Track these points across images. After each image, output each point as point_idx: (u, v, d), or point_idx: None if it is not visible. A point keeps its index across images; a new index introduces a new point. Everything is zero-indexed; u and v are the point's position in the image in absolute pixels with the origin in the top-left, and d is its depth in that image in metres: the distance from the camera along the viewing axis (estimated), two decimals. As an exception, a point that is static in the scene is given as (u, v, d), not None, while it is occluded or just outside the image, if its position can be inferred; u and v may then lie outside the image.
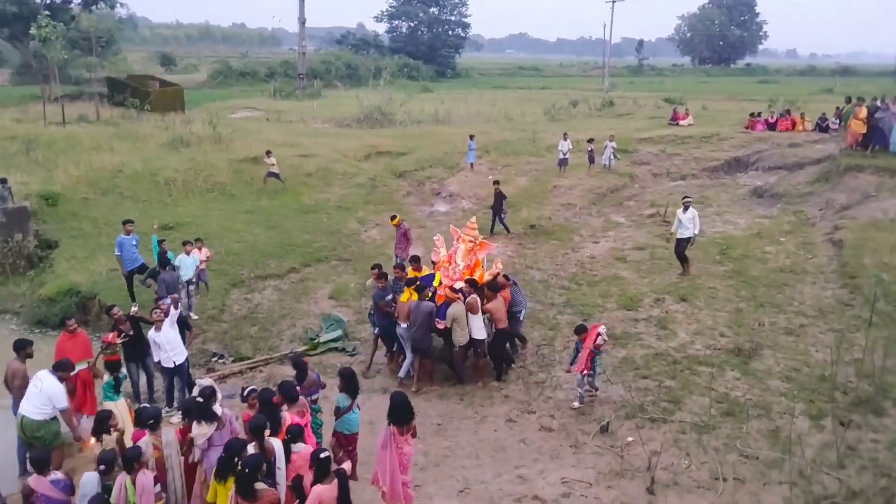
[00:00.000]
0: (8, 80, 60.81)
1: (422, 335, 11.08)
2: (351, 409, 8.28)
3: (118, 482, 6.63)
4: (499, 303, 11.20)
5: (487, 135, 31.52)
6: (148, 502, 6.62)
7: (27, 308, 15.26)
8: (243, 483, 6.24)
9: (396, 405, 7.55)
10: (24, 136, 25.18)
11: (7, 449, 9.25)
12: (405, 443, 7.59)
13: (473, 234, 12.41)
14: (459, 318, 10.91)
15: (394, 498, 7.60)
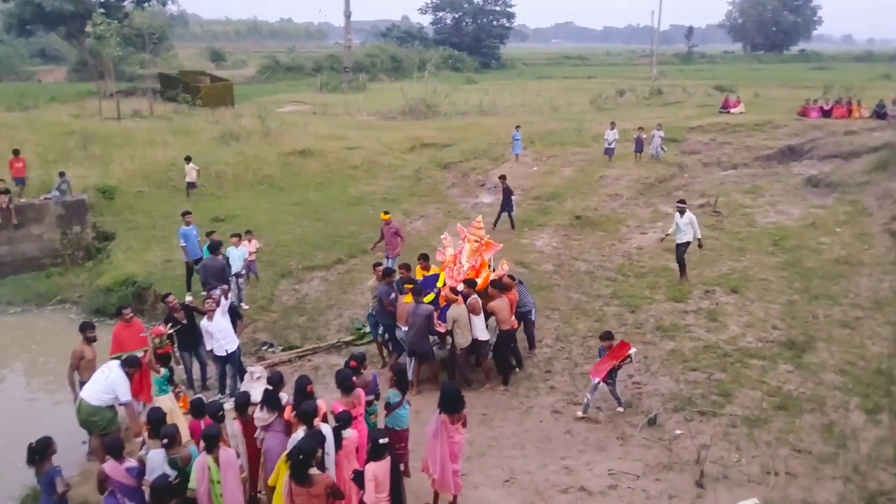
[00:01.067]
0: (65, 76, 62.90)
1: (419, 339, 10.65)
2: (401, 405, 8.24)
3: (199, 464, 6.82)
4: (503, 303, 10.83)
5: (532, 125, 31.31)
6: (234, 477, 6.86)
7: (86, 297, 15.82)
8: (298, 468, 6.32)
9: (447, 394, 7.59)
10: (82, 131, 25.99)
11: (74, 431, 9.59)
12: (456, 432, 7.63)
13: (479, 233, 11.93)
14: (460, 319, 10.52)
15: (443, 486, 7.67)
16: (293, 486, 6.38)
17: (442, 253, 12.16)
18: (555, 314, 13.70)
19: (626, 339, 10.67)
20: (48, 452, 6.97)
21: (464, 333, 10.63)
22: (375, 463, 6.71)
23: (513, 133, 25.79)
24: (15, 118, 28.74)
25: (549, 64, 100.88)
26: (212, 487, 6.81)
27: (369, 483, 6.65)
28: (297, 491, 6.36)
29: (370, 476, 6.63)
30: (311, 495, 6.36)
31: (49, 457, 6.98)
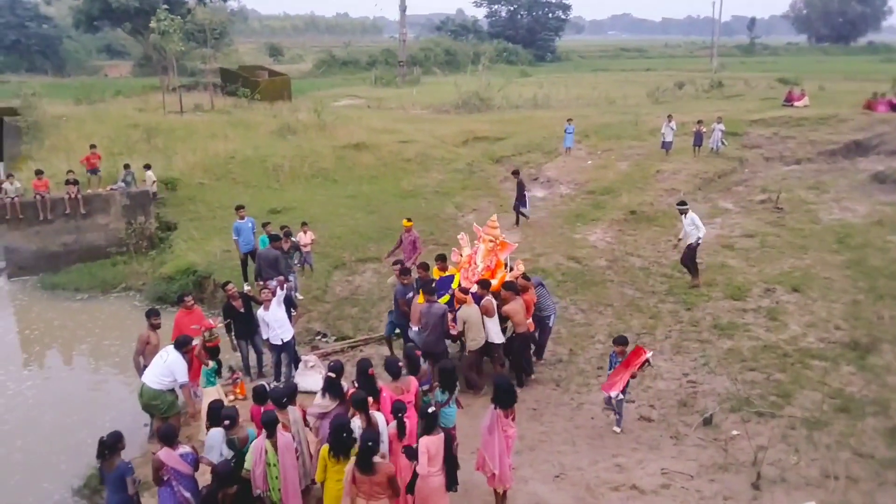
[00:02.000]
0: (130, 71, 64.93)
1: (434, 339, 10.17)
2: (448, 404, 8.18)
3: (256, 446, 7.01)
4: (517, 305, 10.34)
5: (587, 119, 30.92)
6: (291, 461, 7.07)
7: (149, 285, 16.38)
8: (365, 457, 6.43)
9: (502, 388, 7.56)
10: (146, 124, 26.84)
11: (136, 413, 9.96)
12: (509, 425, 7.64)
13: (494, 233, 11.42)
14: (470, 320, 10.11)
15: (502, 481, 7.67)
16: (356, 475, 6.48)
17: (457, 253, 11.85)
18: (608, 310, 13.53)
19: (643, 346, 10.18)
20: (118, 447, 6.99)
21: (475, 335, 10.24)
22: (428, 437, 6.85)
23: (565, 126, 25.53)
24: (83, 111, 29.85)
25: (605, 56, 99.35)
26: (268, 470, 7.01)
27: (422, 456, 6.78)
28: (360, 479, 6.48)
29: (423, 449, 6.78)
30: (374, 483, 6.48)
31: (118, 451, 7.02)
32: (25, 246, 17.66)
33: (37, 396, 12.22)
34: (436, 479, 6.90)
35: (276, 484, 7.08)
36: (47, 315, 15.56)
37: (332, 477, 6.86)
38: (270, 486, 7.06)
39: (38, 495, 9.51)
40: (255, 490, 7.11)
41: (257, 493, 7.13)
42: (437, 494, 6.95)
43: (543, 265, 15.71)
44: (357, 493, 6.54)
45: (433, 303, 10.24)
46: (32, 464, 10.16)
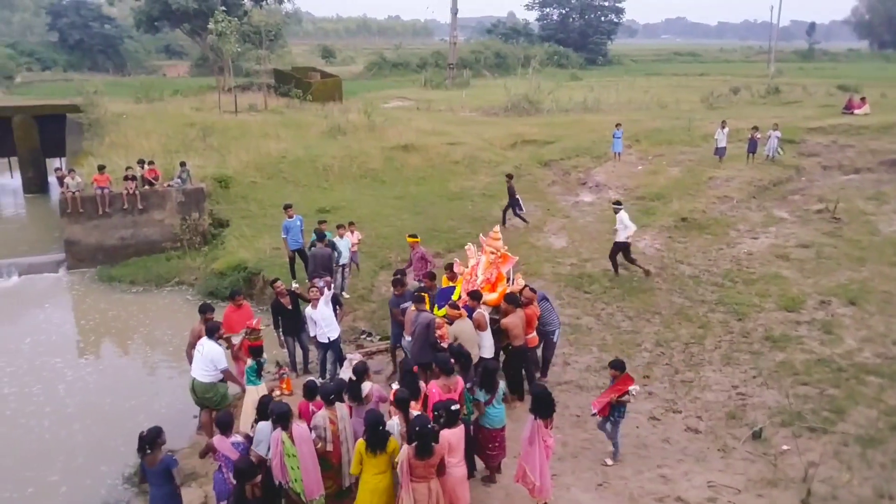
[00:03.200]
0: (188, 71, 66.73)
1: (419, 348, 9.82)
2: (490, 404, 8.19)
3: (273, 439, 7.14)
4: (516, 318, 9.86)
5: (638, 123, 30.51)
6: (309, 449, 7.17)
7: (201, 280, 16.78)
8: (425, 443, 6.66)
9: (541, 398, 7.50)
10: (202, 123, 27.48)
11: (186, 404, 10.22)
12: (548, 435, 7.58)
13: (496, 245, 11.06)
14: (462, 335, 9.48)
15: (543, 492, 7.62)
16: (412, 461, 6.70)
17: (460, 265, 11.56)
18: (655, 318, 13.32)
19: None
20: (158, 442, 7.07)
21: (469, 350, 9.43)
22: (449, 430, 7.08)
23: (613, 131, 25.25)
24: (142, 109, 30.76)
25: (658, 60, 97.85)
26: (287, 461, 7.11)
27: (441, 447, 6.91)
28: (415, 464, 6.72)
29: (443, 441, 6.95)
30: (428, 465, 6.77)
31: (159, 446, 7.10)
32: (85, 239, 18.27)
33: (97, 382, 12.69)
34: (457, 469, 7.18)
35: (297, 475, 7.18)
36: (102, 306, 16.08)
37: (368, 470, 6.99)
38: (291, 478, 7.16)
39: (96, 477, 9.83)
40: (275, 480, 7.25)
41: (278, 484, 7.27)
42: (459, 484, 7.23)
43: (590, 271, 15.58)
44: (412, 478, 6.76)
45: (422, 311, 9.97)
46: (93, 446, 10.52)
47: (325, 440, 7.50)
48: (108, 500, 9.30)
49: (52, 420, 11.30)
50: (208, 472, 8.80)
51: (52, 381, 12.49)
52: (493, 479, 8.54)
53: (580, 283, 14.98)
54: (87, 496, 9.40)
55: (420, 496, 6.78)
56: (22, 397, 11.90)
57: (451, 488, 7.13)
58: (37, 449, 10.54)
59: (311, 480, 7.23)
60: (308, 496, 7.24)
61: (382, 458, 6.93)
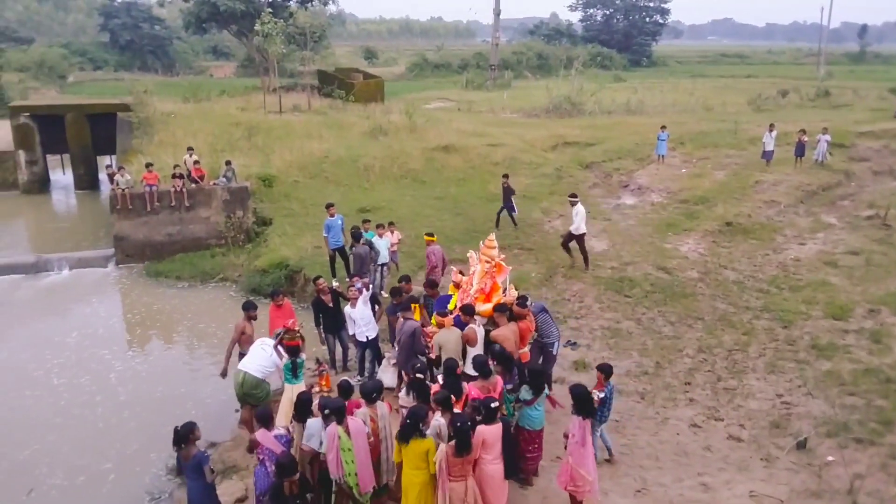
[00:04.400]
0: (234, 72, 67.94)
1: (402, 356, 9.78)
2: (532, 405, 8.20)
3: (330, 433, 7.26)
4: (507, 331, 9.38)
5: (683, 125, 30.07)
6: (364, 443, 7.31)
7: (244, 277, 17.07)
8: (464, 440, 6.78)
9: (581, 397, 7.48)
10: (247, 123, 27.95)
11: (230, 399, 10.41)
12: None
13: (491, 253, 10.58)
14: (446, 344, 9.28)
15: (594, 492, 7.59)
16: (451, 458, 6.80)
17: (457, 273, 11.29)
18: (697, 324, 13.12)
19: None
20: (191, 437, 7.21)
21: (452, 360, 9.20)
22: (486, 426, 7.12)
23: (658, 133, 24.92)
24: (189, 109, 31.40)
25: (704, 62, 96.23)
26: (342, 454, 7.23)
27: (476, 440, 7.00)
28: (454, 462, 6.83)
29: (479, 436, 7.03)
30: (466, 462, 6.89)
31: (193, 441, 7.23)
32: (133, 235, 18.73)
33: (146, 372, 13.04)
34: (492, 466, 7.22)
35: (351, 469, 7.30)
36: (148, 300, 16.47)
37: (405, 463, 7.15)
38: (346, 472, 7.28)
39: (146, 464, 10.11)
40: (332, 475, 7.36)
41: (334, 478, 7.37)
42: (495, 481, 7.26)
43: (631, 274, 15.40)
44: (450, 475, 6.86)
45: (408, 319, 9.91)
46: (144, 433, 10.80)
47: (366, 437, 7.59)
48: (152, 491, 9.52)
49: (105, 409, 11.61)
50: (249, 465, 8.96)
51: (100, 372, 12.84)
52: (530, 482, 8.52)
53: (620, 286, 14.83)
54: (134, 485, 9.63)
55: (457, 494, 6.85)
56: (72, 388, 12.25)
57: (485, 485, 7.18)
58: (91, 437, 10.83)
59: (365, 474, 7.38)
60: (362, 489, 7.38)
61: (417, 453, 6.99)
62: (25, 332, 14.64)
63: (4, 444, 10.52)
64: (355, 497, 7.42)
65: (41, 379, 12.53)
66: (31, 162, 26.27)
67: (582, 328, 13.22)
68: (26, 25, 78.64)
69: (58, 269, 18.16)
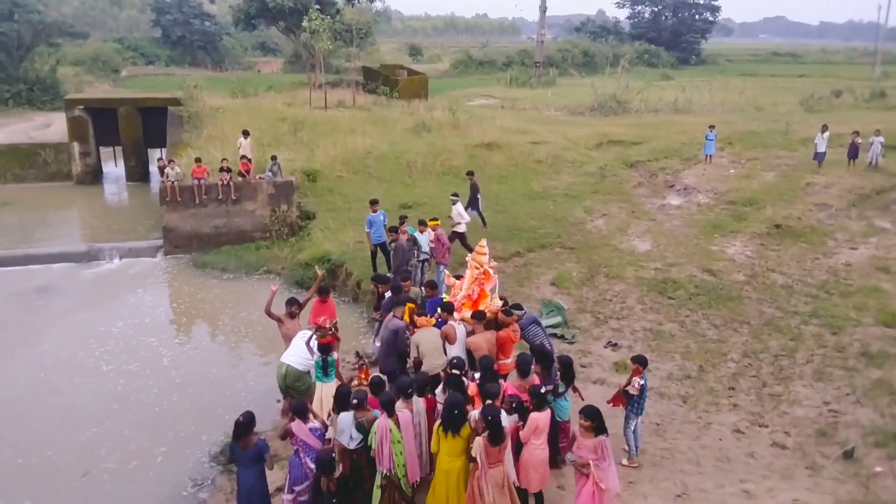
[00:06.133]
0: (281, 68, 68.82)
1: (383, 355, 9.74)
2: (563, 396, 8.40)
3: (380, 426, 7.40)
4: (481, 338, 9.23)
5: (732, 125, 29.46)
6: (411, 435, 7.52)
7: (287, 270, 17.33)
8: (496, 431, 7.01)
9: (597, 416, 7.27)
10: (293, 118, 28.32)
11: (270, 390, 10.61)
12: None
13: (480, 259, 10.46)
14: (423, 344, 9.25)
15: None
16: (488, 448, 7.03)
17: (450, 276, 11.26)
18: (743, 328, 12.86)
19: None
20: (252, 426, 7.48)
21: (430, 360, 9.24)
22: (538, 413, 7.43)
23: (706, 133, 24.46)
24: (238, 104, 31.95)
25: (754, 61, 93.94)
26: (393, 447, 7.39)
27: (529, 428, 7.39)
28: (490, 451, 7.06)
29: (531, 423, 7.39)
30: (501, 450, 7.14)
31: (252, 430, 7.50)
32: (181, 227, 19.16)
33: (199, 356, 13.48)
34: (540, 451, 7.52)
35: (401, 460, 7.46)
36: (192, 290, 16.86)
37: (443, 451, 7.32)
38: (396, 463, 7.43)
39: (197, 446, 10.39)
40: (379, 468, 7.48)
41: (383, 472, 7.48)
42: (542, 465, 7.59)
43: (675, 276, 15.18)
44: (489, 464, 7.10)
45: (395, 317, 9.79)
46: (198, 415, 11.15)
47: None
48: (195, 477, 9.74)
49: (160, 392, 11.97)
50: (289, 454, 9.09)
51: (150, 358, 13.19)
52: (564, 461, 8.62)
53: (664, 288, 14.63)
54: (179, 470, 9.86)
55: (495, 480, 7.13)
56: (124, 374, 12.59)
57: (532, 468, 7.49)
58: (149, 421, 11.13)
59: (414, 465, 7.59)
60: (410, 480, 7.58)
61: (458, 441, 7.21)
62: (77, 320, 15.10)
63: (62, 429, 10.85)
64: (402, 488, 7.57)
65: (91, 366, 12.90)
66: (84, 153, 27.03)
67: (623, 329, 13.08)
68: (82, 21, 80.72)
69: (109, 258, 18.68)
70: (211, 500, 9.20)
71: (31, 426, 10.88)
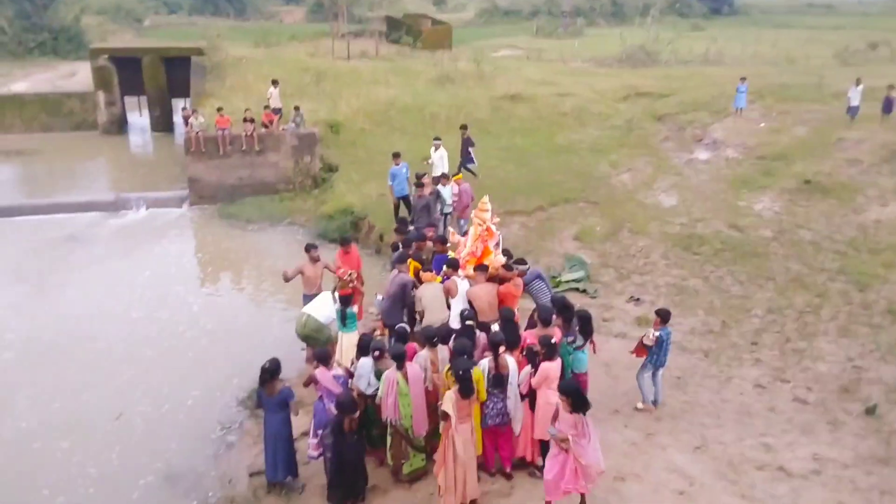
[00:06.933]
0: (304, 17, 68.00)
1: (388, 308, 9.80)
2: (582, 349, 8.41)
3: (388, 378, 7.52)
4: (480, 290, 9.27)
5: (763, 78, 28.63)
6: (420, 389, 7.61)
7: (311, 222, 17.45)
8: (466, 384, 7.11)
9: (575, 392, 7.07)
10: (315, 69, 28.06)
11: (295, 339, 10.79)
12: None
13: (483, 216, 10.37)
14: (425, 298, 9.34)
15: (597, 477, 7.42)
16: (459, 402, 7.15)
17: (454, 234, 11.21)
18: (768, 284, 12.76)
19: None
20: (278, 373, 7.72)
21: (431, 314, 9.31)
22: (549, 363, 7.55)
23: (737, 85, 23.84)
24: (260, 54, 31.72)
25: (789, 12, 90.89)
26: (400, 399, 7.51)
27: (540, 375, 7.54)
28: (461, 405, 7.17)
29: (542, 372, 7.52)
30: (471, 403, 7.28)
31: (278, 377, 7.73)
32: (206, 177, 19.27)
33: (229, 304, 13.85)
34: (555, 398, 7.34)
35: (407, 412, 7.60)
36: (219, 241, 17.10)
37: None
38: (402, 414, 7.58)
39: (229, 389, 10.68)
40: (384, 417, 7.65)
41: (387, 420, 7.66)
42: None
43: (701, 231, 15.04)
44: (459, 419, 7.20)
45: (401, 272, 9.89)
46: (230, 360, 11.40)
47: (426, 380, 7.79)
48: (223, 421, 10.01)
49: (192, 337, 12.27)
50: (313, 400, 9.30)
51: (178, 306, 13.45)
52: None
53: (689, 243, 14.51)
54: (208, 415, 10.13)
55: (463, 435, 7.20)
56: (154, 321, 12.85)
57: (549, 414, 7.36)
58: (184, 365, 11.42)
59: (420, 418, 7.66)
60: (416, 433, 7.70)
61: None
62: (106, 268, 15.36)
63: (98, 373, 11.14)
64: (409, 438, 7.72)
65: (121, 313, 13.17)
66: (109, 103, 27.12)
67: (646, 284, 13.05)
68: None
69: (136, 208, 18.90)
70: (239, 443, 9.47)
71: (69, 370, 11.19)
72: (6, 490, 8.54)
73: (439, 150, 16.07)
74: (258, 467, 8.51)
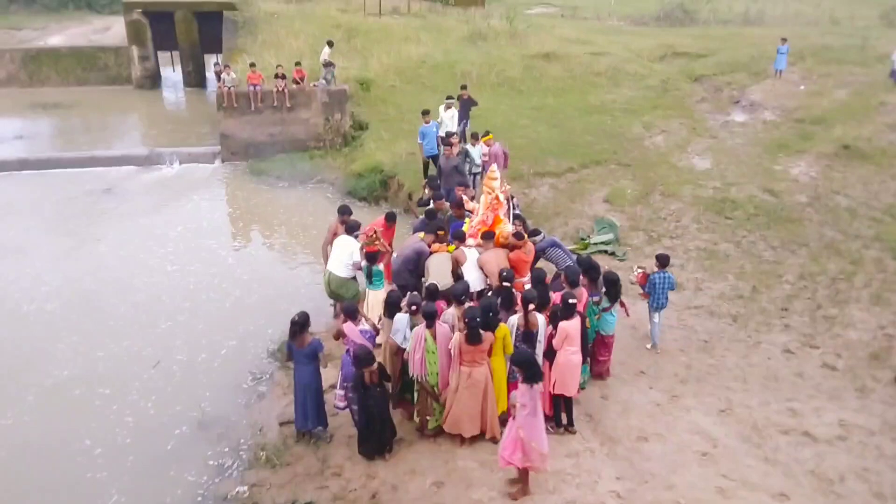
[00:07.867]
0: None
1: (398, 268, 9.80)
2: (609, 311, 8.65)
3: (417, 334, 7.67)
4: (491, 255, 9.23)
5: (805, 39, 27.76)
6: (445, 349, 7.73)
7: (340, 180, 17.52)
8: (474, 332, 7.36)
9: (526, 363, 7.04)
10: (347, 25, 27.80)
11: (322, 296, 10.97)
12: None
13: (492, 185, 10.26)
14: (431, 266, 9.41)
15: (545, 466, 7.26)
16: (464, 346, 7.44)
17: (467, 201, 11.10)
18: (801, 250, 12.60)
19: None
20: (307, 326, 7.93)
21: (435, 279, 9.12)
22: (567, 322, 7.71)
23: (778, 46, 23.16)
24: (291, 9, 31.39)
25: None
26: (427, 356, 7.68)
27: (560, 335, 7.71)
28: (466, 349, 7.46)
29: (563, 332, 7.70)
30: (478, 351, 7.49)
31: (307, 329, 7.94)
32: (238, 133, 19.39)
33: (262, 257, 14.17)
34: (573, 356, 7.80)
35: (434, 369, 7.76)
36: (249, 196, 17.31)
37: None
38: (429, 371, 7.75)
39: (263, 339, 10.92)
40: (411, 373, 7.87)
41: (414, 377, 7.86)
42: (574, 369, 7.86)
43: (734, 196, 14.83)
44: (462, 361, 7.55)
45: (422, 239, 9.90)
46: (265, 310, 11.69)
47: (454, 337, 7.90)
48: (254, 371, 10.26)
49: (227, 288, 12.54)
50: (342, 353, 9.49)
51: (212, 260, 13.72)
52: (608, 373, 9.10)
53: (722, 207, 14.34)
54: (240, 365, 10.37)
55: (473, 380, 7.56)
56: (190, 273, 13.12)
57: (567, 372, 7.76)
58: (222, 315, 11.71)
59: (447, 375, 7.81)
60: (442, 388, 7.86)
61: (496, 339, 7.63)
62: (141, 222, 15.61)
63: (137, 323, 11.44)
64: (435, 394, 7.89)
65: (157, 265, 13.45)
66: (143, 58, 27.28)
67: (676, 248, 12.96)
68: (137, -78, 79.95)
69: (169, 163, 19.12)
70: (269, 393, 9.72)
71: (110, 320, 11.51)
72: (51, 438, 8.83)
73: (450, 109, 15.89)
74: (288, 417, 8.73)
